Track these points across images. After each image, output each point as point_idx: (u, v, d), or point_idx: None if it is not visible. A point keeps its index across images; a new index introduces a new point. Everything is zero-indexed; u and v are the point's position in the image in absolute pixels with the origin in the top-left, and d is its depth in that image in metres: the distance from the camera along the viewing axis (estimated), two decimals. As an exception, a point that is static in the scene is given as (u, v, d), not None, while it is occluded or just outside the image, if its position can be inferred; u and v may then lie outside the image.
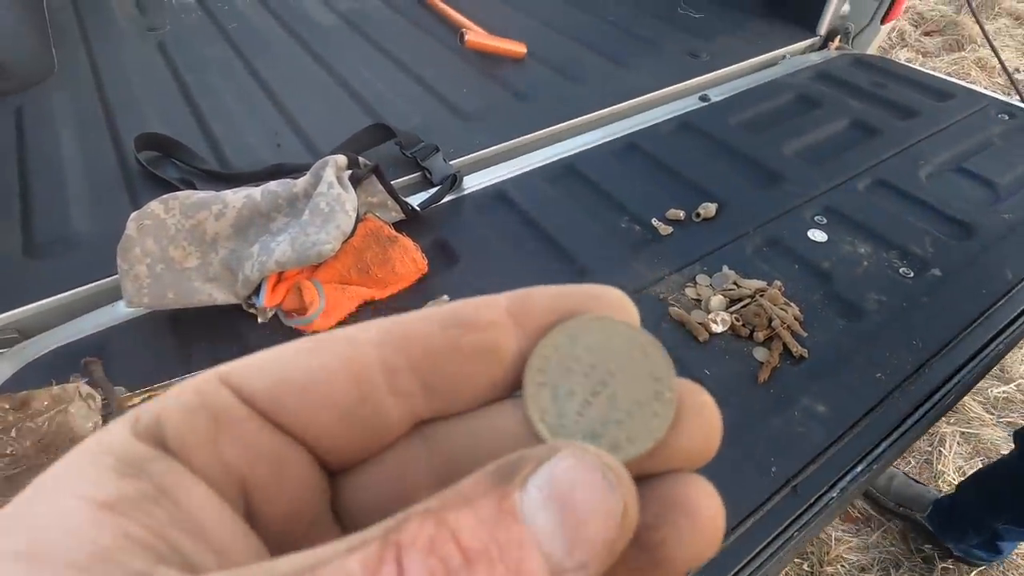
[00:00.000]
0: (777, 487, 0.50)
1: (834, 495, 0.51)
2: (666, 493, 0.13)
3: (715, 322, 0.63)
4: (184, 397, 0.13)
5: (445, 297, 0.65)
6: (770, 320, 0.63)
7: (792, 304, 0.65)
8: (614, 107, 0.99)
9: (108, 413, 0.51)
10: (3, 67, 0.99)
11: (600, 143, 0.91)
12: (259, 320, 0.61)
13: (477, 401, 0.15)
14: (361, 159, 0.69)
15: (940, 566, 1.16)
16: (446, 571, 0.09)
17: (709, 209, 0.78)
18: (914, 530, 1.19)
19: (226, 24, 1.23)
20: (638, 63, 1.11)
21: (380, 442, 0.14)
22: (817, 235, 0.76)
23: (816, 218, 0.78)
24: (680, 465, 0.13)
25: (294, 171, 0.81)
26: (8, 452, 0.46)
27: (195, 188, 0.79)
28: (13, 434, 0.46)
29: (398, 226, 0.72)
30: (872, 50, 1.22)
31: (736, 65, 1.11)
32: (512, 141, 0.91)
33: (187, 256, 0.61)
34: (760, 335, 0.62)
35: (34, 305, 0.66)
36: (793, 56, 1.18)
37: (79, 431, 0.48)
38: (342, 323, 0.63)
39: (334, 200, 0.59)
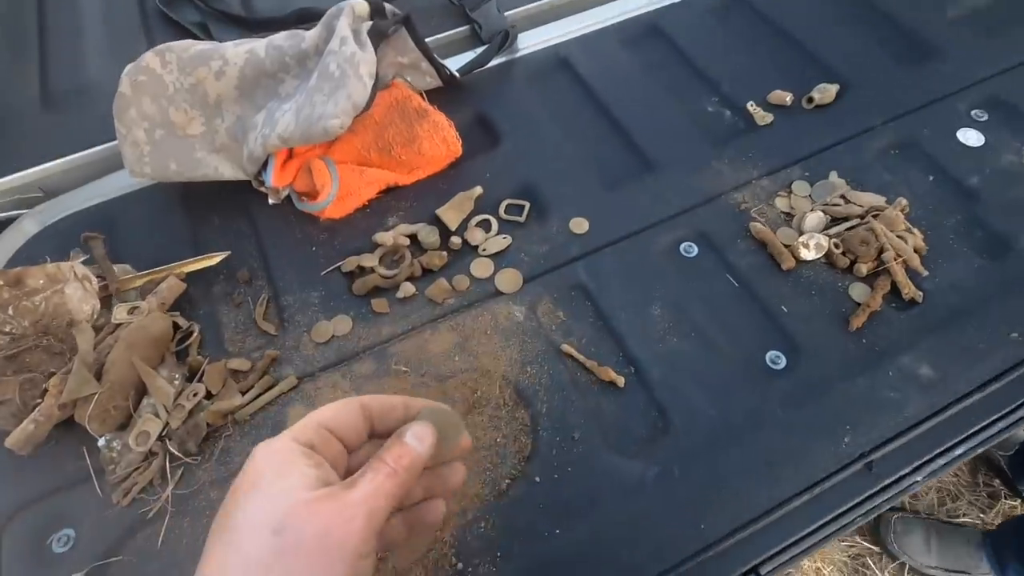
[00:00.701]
0: (846, 461, 0.41)
1: (918, 479, 0.42)
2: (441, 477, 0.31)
3: (806, 246, 0.50)
4: (329, 417, 0.28)
5: (478, 189, 0.55)
6: (881, 250, 0.49)
7: (916, 231, 0.51)
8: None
9: (107, 296, 0.48)
10: None
11: (697, -6, 0.71)
12: (270, 201, 0.55)
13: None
14: (388, 6, 0.56)
15: (1004, 504, 1.08)
16: (391, 469, 0.26)
17: (827, 92, 0.60)
18: (987, 465, 1.10)
19: None
20: None
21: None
22: (970, 136, 0.57)
23: (974, 112, 0.59)
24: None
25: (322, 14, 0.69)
26: (7, 330, 0.44)
27: (209, 36, 0.69)
28: (11, 312, 0.44)
29: (432, 94, 0.61)
30: None
31: None
32: (585, -14, 0.73)
33: (190, 121, 0.53)
34: (863, 267, 0.49)
35: (55, 163, 0.62)
36: None
37: (76, 313, 0.45)
38: (362, 209, 0.55)
39: (346, 61, 0.48)
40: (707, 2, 0.70)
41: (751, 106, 0.60)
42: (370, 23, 0.52)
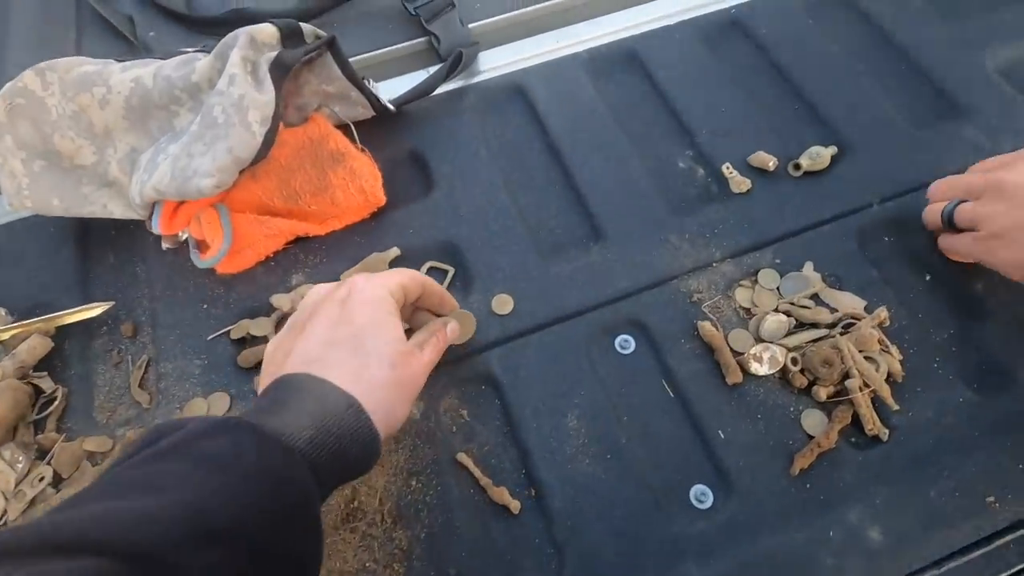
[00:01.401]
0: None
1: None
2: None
3: (759, 359, 0.43)
4: (407, 282, 0.38)
5: (395, 250, 0.49)
6: (846, 375, 0.41)
7: (893, 349, 0.43)
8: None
9: (-41, 355, 0.43)
10: None
11: (688, 16, 0.61)
12: (163, 245, 0.49)
13: None
14: (308, 27, 0.48)
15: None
16: (440, 343, 0.40)
17: (820, 158, 0.51)
18: None
19: None
20: None
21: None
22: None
23: (995, 195, 0.49)
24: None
25: (262, 21, 0.61)
26: None
27: (134, 31, 0.62)
28: None
29: (364, 124, 0.53)
30: None
31: None
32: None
33: (78, 150, 0.47)
34: (822, 392, 0.41)
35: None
36: None
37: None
38: (265, 262, 0.49)
39: (232, 106, 0.41)
40: (698, 29, 0.61)
41: (727, 168, 0.52)
42: (274, 54, 0.45)
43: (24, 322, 0.45)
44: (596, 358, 0.45)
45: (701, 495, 0.40)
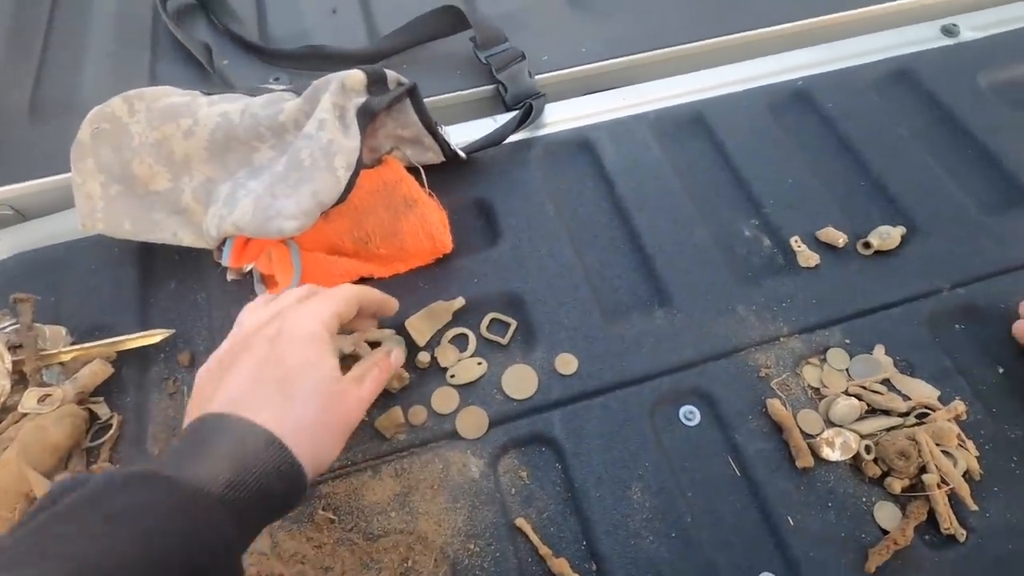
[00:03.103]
0: None
1: None
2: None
3: (831, 444, 0.42)
4: (342, 310, 0.38)
5: (460, 300, 0.48)
6: (923, 469, 0.40)
7: (969, 445, 0.42)
8: (796, 24, 0.67)
9: (20, 373, 0.43)
10: None
11: (755, 85, 0.62)
12: (228, 277, 0.49)
13: None
14: (392, 74, 0.49)
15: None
16: (380, 374, 0.39)
17: (890, 237, 0.51)
18: None
19: None
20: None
21: None
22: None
23: (1068, 289, 0.49)
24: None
25: (330, 60, 0.62)
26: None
27: (211, 60, 0.63)
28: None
29: (432, 169, 0.54)
30: None
31: (1026, -24, 0.70)
32: (631, 56, 0.65)
33: (154, 176, 0.48)
34: (897, 484, 0.40)
35: (33, 183, 0.58)
36: None
37: (-17, 394, 0.40)
38: (326, 301, 0.49)
39: (320, 150, 0.42)
40: (766, 96, 0.61)
41: (795, 241, 0.51)
42: (363, 99, 0.45)
43: (86, 345, 0.45)
44: (660, 428, 0.44)
45: (769, 585, 0.38)
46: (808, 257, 0.50)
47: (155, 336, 0.47)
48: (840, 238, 0.51)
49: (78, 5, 0.72)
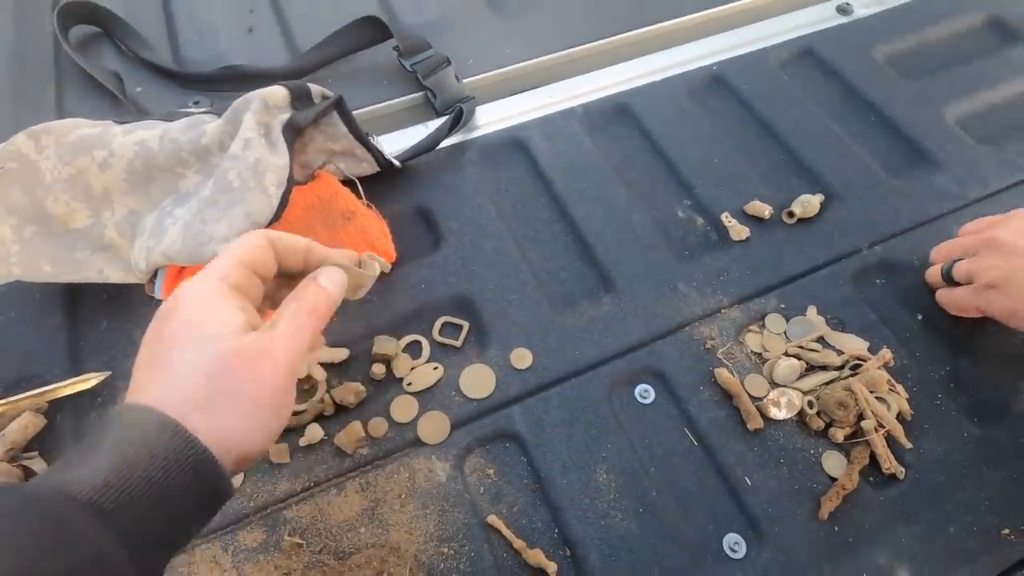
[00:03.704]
0: None
1: None
2: None
3: (777, 404, 0.44)
4: (247, 255, 0.30)
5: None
6: (860, 416, 0.43)
7: (899, 389, 0.45)
8: (707, 12, 0.70)
9: (-59, 438, 0.40)
10: None
11: (673, 73, 0.65)
12: (164, 310, 0.47)
13: None
14: (316, 87, 0.48)
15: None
16: (308, 310, 0.30)
17: (810, 205, 0.54)
18: None
19: None
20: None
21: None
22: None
23: (969, 237, 0.53)
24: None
25: (250, 79, 0.61)
26: None
27: (123, 88, 0.61)
28: None
29: (369, 182, 0.53)
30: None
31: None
32: (554, 54, 0.66)
33: (72, 213, 0.45)
34: (840, 434, 0.43)
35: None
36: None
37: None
38: (272, 324, 0.48)
39: (248, 169, 0.41)
40: (684, 83, 0.64)
41: (726, 217, 0.54)
42: (287, 115, 0.45)
43: (12, 398, 0.42)
44: (618, 409, 0.45)
45: (735, 544, 0.40)
46: (739, 231, 0.53)
47: (90, 380, 0.44)
48: (766, 210, 0.54)
49: (-31, 41, 0.68)
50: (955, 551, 0.39)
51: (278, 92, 0.45)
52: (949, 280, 0.47)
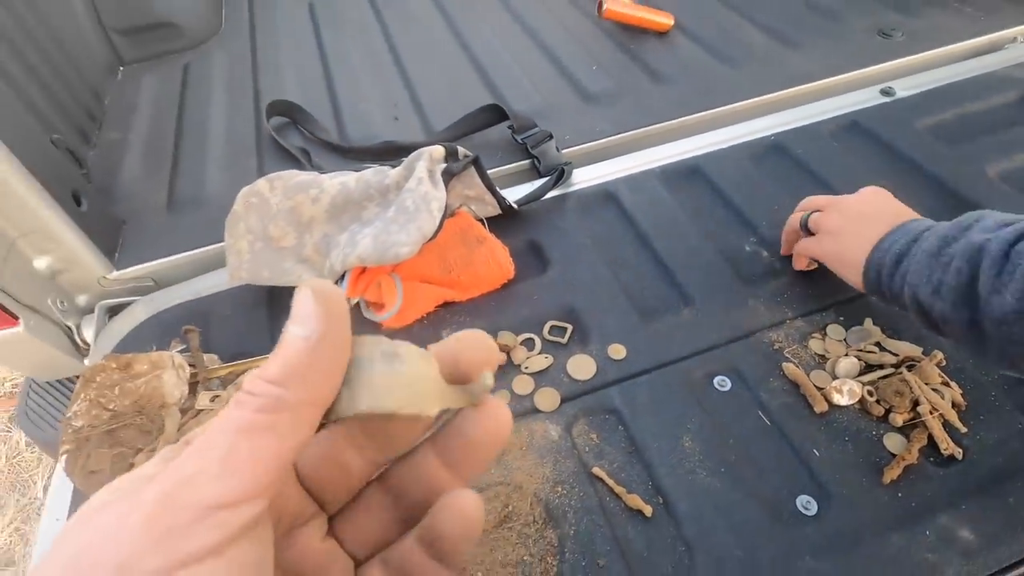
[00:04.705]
0: (880, 625, 0.40)
1: (960, 655, 0.40)
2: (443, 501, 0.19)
3: (839, 391, 0.51)
4: None
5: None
6: (916, 402, 0.50)
7: (953, 385, 0.51)
8: (764, 97, 0.84)
9: (195, 383, 0.55)
10: (178, 26, 1.09)
11: (737, 142, 0.78)
12: (341, 307, 0.62)
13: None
14: (461, 149, 0.65)
15: None
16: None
17: (863, 241, 0.63)
18: None
19: (372, -16, 1.24)
20: (810, 42, 0.93)
21: (352, 485, 0.20)
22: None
23: (1015, 269, 0.60)
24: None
25: (403, 150, 0.79)
26: (111, 408, 0.51)
27: (310, 160, 0.81)
28: (116, 392, 0.51)
29: (492, 221, 0.68)
30: None
31: (941, 49, 0.89)
32: (635, 131, 0.82)
33: (284, 235, 0.62)
34: (899, 418, 0.50)
35: (167, 259, 0.73)
36: (1029, 39, 0.91)
37: (168, 397, 0.52)
38: (419, 322, 0.61)
39: (420, 198, 0.57)
40: (752, 148, 0.77)
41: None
42: (444, 165, 0.61)
43: (239, 362, 0.57)
44: (700, 395, 0.54)
45: (807, 503, 0.46)
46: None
47: (287, 355, 0.59)
48: (822, 243, 0.63)
49: (197, 127, 0.92)
50: (1014, 517, 0.44)
51: (438, 149, 0.61)
52: (805, 230, 0.58)
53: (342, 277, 0.60)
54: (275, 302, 0.66)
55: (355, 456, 0.20)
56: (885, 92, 0.84)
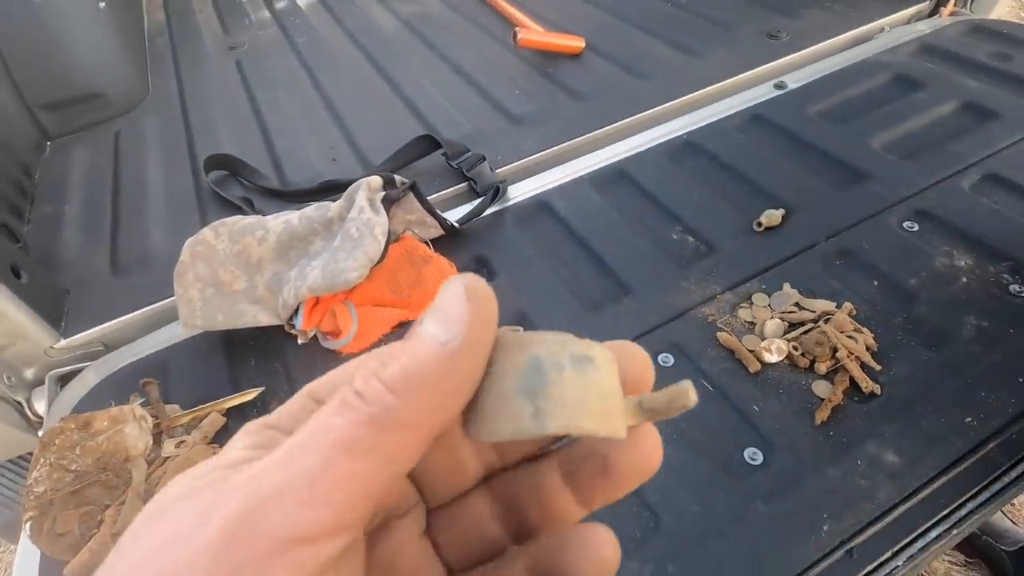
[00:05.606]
0: (828, 549, 0.44)
1: (899, 563, 0.44)
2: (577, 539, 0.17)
3: (768, 350, 0.57)
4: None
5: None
6: (834, 350, 0.55)
7: (864, 330, 0.57)
8: (673, 102, 0.92)
9: (158, 432, 0.55)
10: (105, 96, 1.10)
11: (654, 144, 0.85)
12: (299, 341, 0.63)
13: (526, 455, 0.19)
14: (398, 177, 0.69)
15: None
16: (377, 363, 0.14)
17: (773, 217, 0.70)
18: (988, 563, 1.06)
19: (297, 38, 1.28)
20: (709, 50, 1.02)
21: (461, 484, 0.19)
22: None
23: (905, 224, 0.68)
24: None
25: (343, 187, 0.82)
26: (73, 468, 0.51)
27: (252, 207, 0.83)
28: (77, 452, 0.51)
29: (436, 242, 0.72)
30: (997, 14, 1.04)
31: (822, 44, 0.99)
32: (561, 145, 0.87)
33: (235, 279, 0.64)
34: (822, 366, 0.55)
35: (116, 321, 0.73)
36: (894, 28, 1.03)
37: (132, 450, 0.52)
38: (376, 344, 0.64)
39: (363, 225, 0.60)
40: (668, 148, 0.84)
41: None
42: (383, 193, 0.65)
43: (201, 407, 0.58)
44: (647, 372, 0.58)
45: (753, 454, 0.51)
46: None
47: (250, 394, 0.60)
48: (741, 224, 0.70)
49: (134, 190, 0.93)
50: (929, 436, 0.49)
51: (376, 179, 0.65)
52: None
53: (296, 311, 0.62)
54: (232, 346, 0.67)
55: (471, 453, 0.17)
56: (778, 86, 0.93)
